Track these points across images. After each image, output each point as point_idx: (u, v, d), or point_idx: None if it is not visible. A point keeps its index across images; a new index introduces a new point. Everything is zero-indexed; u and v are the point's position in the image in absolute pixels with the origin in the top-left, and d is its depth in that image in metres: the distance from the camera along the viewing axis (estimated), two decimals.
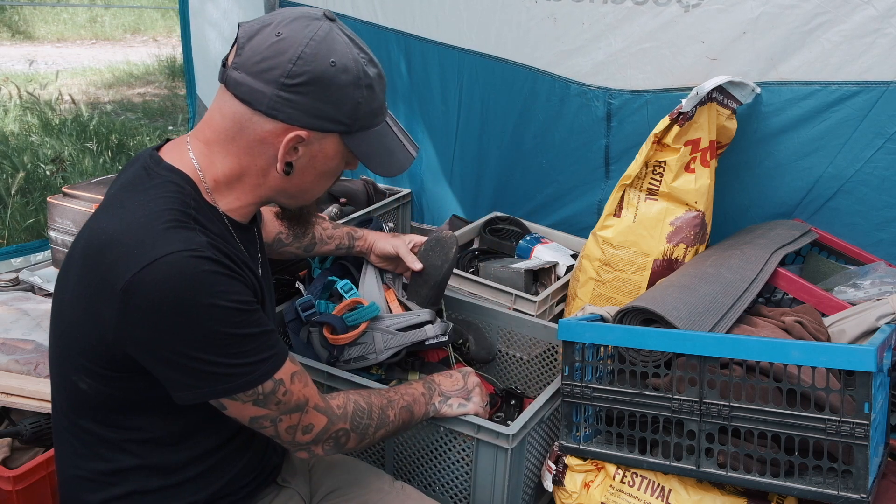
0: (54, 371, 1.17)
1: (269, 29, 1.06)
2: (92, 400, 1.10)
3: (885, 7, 1.76)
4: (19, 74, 6.69)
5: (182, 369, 1.02)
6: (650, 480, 1.45)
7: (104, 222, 1.04)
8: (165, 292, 0.96)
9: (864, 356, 1.21)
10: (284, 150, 1.09)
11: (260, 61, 1.04)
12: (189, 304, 0.98)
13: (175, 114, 6.00)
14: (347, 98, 1.09)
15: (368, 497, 1.40)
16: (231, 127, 1.09)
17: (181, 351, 1.00)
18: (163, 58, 7.66)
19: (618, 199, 1.92)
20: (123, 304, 0.97)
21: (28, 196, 3.84)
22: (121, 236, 1.00)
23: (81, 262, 1.04)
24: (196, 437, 1.16)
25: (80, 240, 1.09)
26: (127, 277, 0.96)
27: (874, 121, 1.85)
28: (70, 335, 1.08)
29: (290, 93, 1.05)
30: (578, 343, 1.49)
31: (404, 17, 2.63)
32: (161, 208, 1.03)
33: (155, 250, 0.97)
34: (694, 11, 2.01)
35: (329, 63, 1.05)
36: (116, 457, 1.13)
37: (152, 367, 1.04)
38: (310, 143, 1.10)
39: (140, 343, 1.01)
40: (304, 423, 1.15)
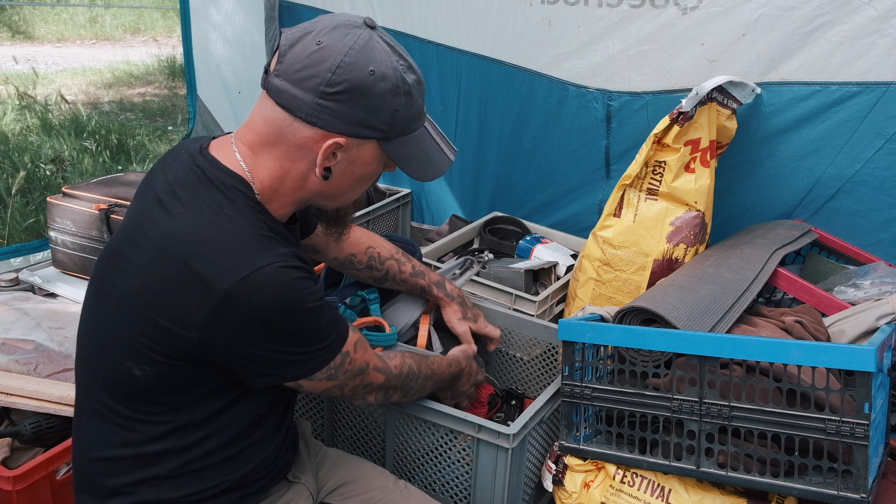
0: (95, 353, 1.18)
1: (311, 37, 1.08)
2: (143, 384, 1.12)
3: (886, 8, 1.76)
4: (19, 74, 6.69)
5: (266, 361, 1.11)
6: (650, 480, 1.45)
7: (181, 224, 1.08)
8: (264, 300, 1.05)
9: (864, 356, 1.21)
10: (323, 156, 1.12)
11: (300, 69, 1.07)
12: (284, 310, 1.07)
13: (175, 114, 5.99)
14: (385, 106, 1.11)
15: (373, 494, 1.41)
16: (272, 132, 1.12)
17: (269, 346, 1.09)
18: (163, 58, 7.66)
19: (618, 199, 1.92)
20: (221, 307, 1.04)
21: (28, 196, 3.83)
22: (210, 242, 1.06)
23: (157, 260, 1.07)
24: (226, 425, 1.19)
25: (145, 235, 1.10)
26: (228, 285, 1.03)
27: (874, 121, 1.85)
28: (133, 323, 1.10)
29: (330, 100, 1.08)
30: (578, 343, 1.49)
31: (403, 18, 2.63)
32: (240, 215, 1.10)
33: (254, 260, 1.05)
34: (692, 14, 2.01)
35: (368, 72, 1.08)
36: (146, 442, 1.15)
37: (231, 359, 1.10)
38: (348, 150, 1.13)
39: (227, 341, 1.08)
40: (365, 382, 1.27)
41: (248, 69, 3.28)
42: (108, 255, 1.18)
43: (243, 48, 3.26)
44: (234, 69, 3.36)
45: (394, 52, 1.12)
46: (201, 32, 3.39)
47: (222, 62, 3.39)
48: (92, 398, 1.19)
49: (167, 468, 1.16)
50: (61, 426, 1.60)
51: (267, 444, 1.26)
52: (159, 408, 1.14)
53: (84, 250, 2.29)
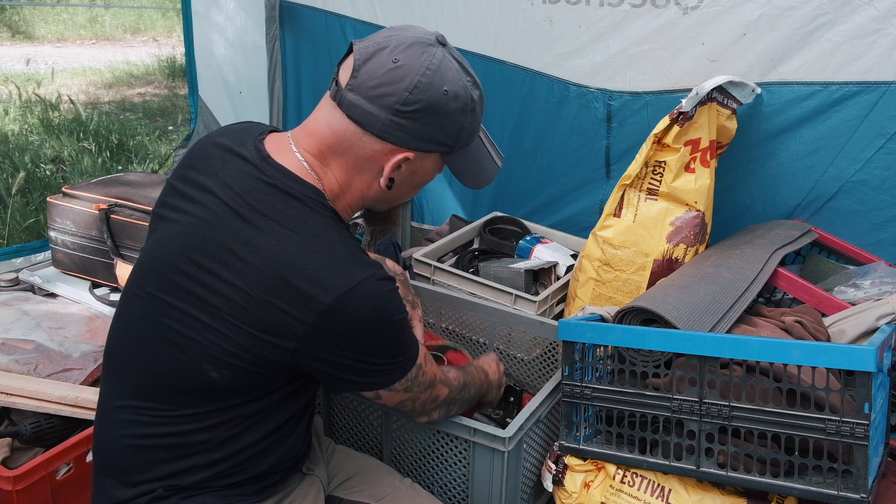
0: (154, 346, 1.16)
1: (386, 53, 1.10)
2: (215, 385, 1.13)
3: (886, 7, 1.76)
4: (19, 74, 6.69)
5: (355, 371, 1.14)
6: (650, 480, 1.45)
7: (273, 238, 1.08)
8: (364, 313, 1.08)
9: (864, 356, 1.21)
10: (390, 169, 1.16)
11: (377, 86, 1.10)
12: (381, 322, 1.11)
13: (175, 114, 5.99)
14: (454, 123, 1.16)
15: (381, 490, 1.43)
16: (340, 143, 1.15)
17: (361, 357, 1.13)
18: (163, 58, 7.66)
19: (618, 199, 1.92)
20: (322, 321, 1.06)
21: (28, 196, 3.83)
22: (307, 258, 1.07)
23: (255, 274, 1.07)
24: (265, 421, 1.20)
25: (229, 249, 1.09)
26: (329, 301, 1.05)
27: (875, 121, 1.85)
28: (220, 331, 1.10)
29: (403, 118, 1.11)
30: (578, 343, 1.49)
31: (404, 17, 2.63)
32: (327, 227, 1.12)
33: (351, 276, 1.07)
34: (693, 14, 2.01)
35: (442, 92, 1.12)
36: (191, 433, 1.16)
37: (320, 369, 1.13)
38: (413, 162, 1.17)
39: (323, 353, 1.11)
40: (434, 395, 1.31)
41: (249, 70, 3.28)
42: (172, 255, 1.15)
43: (244, 49, 3.26)
44: (235, 70, 3.37)
45: (463, 69, 1.16)
46: (203, 33, 3.39)
47: (224, 63, 3.40)
48: (134, 390, 1.19)
49: (205, 458, 1.18)
50: (61, 426, 1.60)
51: (296, 437, 1.30)
52: (218, 404, 1.16)
53: (84, 250, 2.29)
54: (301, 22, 2.99)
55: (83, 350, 1.79)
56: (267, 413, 1.20)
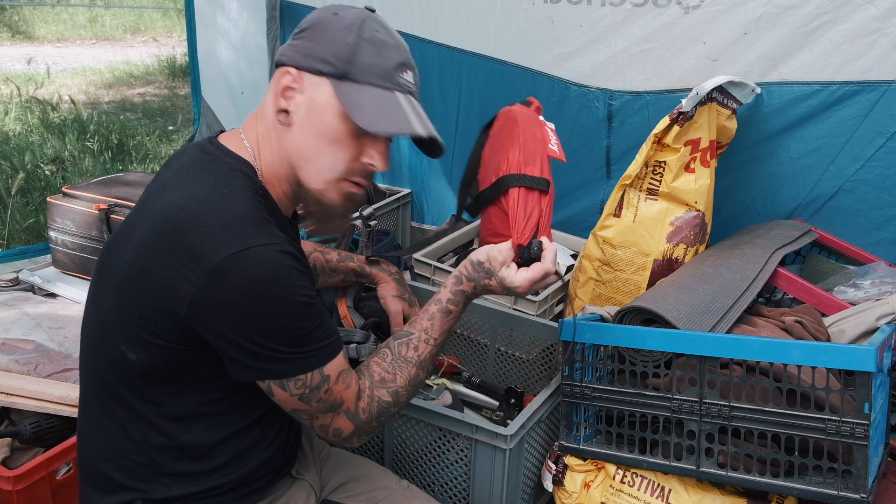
0: (94, 342, 1.18)
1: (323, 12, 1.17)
2: (137, 370, 1.12)
3: (887, 7, 1.76)
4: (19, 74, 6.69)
5: (245, 351, 1.07)
6: (650, 480, 1.45)
7: (178, 199, 1.07)
8: (252, 281, 1.02)
9: (864, 356, 1.21)
10: (277, 89, 1.14)
11: (296, 32, 1.18)
12: (271, 296, 1.04)
13: (175, 114, 6.00)
14: (337, 39, 1.13)
15: (376, 493, 1.41)
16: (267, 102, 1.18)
17: (250, 336, 1.05)
18: (163, 58, 7.66)
19: (618, 199, 1.92)
20: (208, 283, 1.02)
21: (28, 196, 3.83)
22: (206, 217, 1.04)
23: (151, 235, 1.07)
24: (227, 419, 1.18)
25: (144, 214, 1.11)
26: (217, 260, 1.01)
27: (875, 120, 1.85)
28: (127, 305, 1.10)
29: (297, 39, 1.16)
30: (578, 343, 1.49)
31: (404, 17, 2.63)
32: (240, 195, 1.08)
33: (246, 239, 1.03)
34: (694, 13, 2.01)
35: (332, 13, 1.15)
36: (147, 435, 1.15)
37: (215, 342, 1.08)
38: (302, 89, 1.13)
39: (212, 321, 1.05)
40: (335, 426, 1.19)
41: (251, 71, 3.29)
42: (108, 246, 1.19)
43: (247, 50, 3.27)
44: (237, 71, 3.37)
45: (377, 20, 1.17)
46: (206, 35, 3.40)
47: (226, 64, 3.41)
48: (94, 391, 1.19)
49: (172, 466, 1.16)
50: (61, 426, 1.60)
51: (272, 441, 1.26)
52: (157, 396, 1.14)
53: (84, 250, 2.29)
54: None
55: None
56: (221, 412, 1.17)
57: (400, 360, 1.25)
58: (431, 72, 2.62)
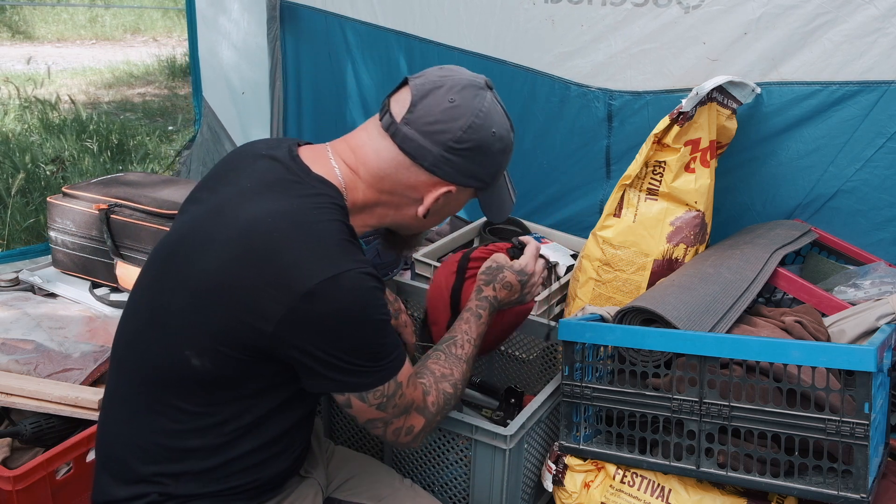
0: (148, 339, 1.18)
1: (442, 92, 1.19)
2: (197, 376, 1.13)
3: (887, 7, 1.76)
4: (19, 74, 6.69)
5: (329, 366, 1.11)
6: (650, 480, 1.45)
7: (266, 216, 1.09)
8: (344, 304, 1.07)
9: (864, 356, 1.21)
10: (433, 200, 1.23)
11: (433, 122, 1.18)
12: (360, 317, 1.09)
13: (175, 114, 6.00)
14: (495, 162, 1.25)
15: (380, 491, 1.43)
16: (385, 168, 1.21)
17: (336, 353, 1.10)
18: (163, 58, 7.66)
19: (618, 199, 1.92)
20: (300, 305, 1.05)
21: (28, 196, 3.83)
22: (297, 239, 1.08)
23: (238, 251, 1.08)
24: (264, 427, 1.20)
25: (224, 223, 1.12)
26: (311, 285, 1.05)
27: (875, 120, 1.85)
28: (204, 314, 1.11)
29: (454, 155, 1.20)
30: (578, 343, 1.49)
31: (404, 18, 2.63)
32: (330, 219, 1.13)
33: (337, 264, 1.07)
34: (694, 13, 2.01)
35: (490, 133, 1.21)
36: (184, 435, 1.16)
37: (297, 357, 1.11)
38: (451, 195, 1.24)
39: (299, 340, 1.09)
40: (408, 425, 1.24)
41: (252, 71, 3.29)
42: (175, 243, 1.18)
43: (248, 51, 3.27)
44: (238, 71, 3.38)
45: (505, 114, 1.26)
46: (208, 36, 3.41)
47: (227, 64, 3.41)
48: (135, 385, 1.19)
49: (199, 465, 1.17)
50: (61, 426, 1.60)
51: (294, 450, 1.29)
52: (208, 401, 1.15)
53: (84, 250, 2.29)
54: (301, 22, 2.99)
55: (83, 350, 1.79)
56: (262, 422, 1.19)
57: (452, 358, 1.35)
58: None
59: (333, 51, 2.90)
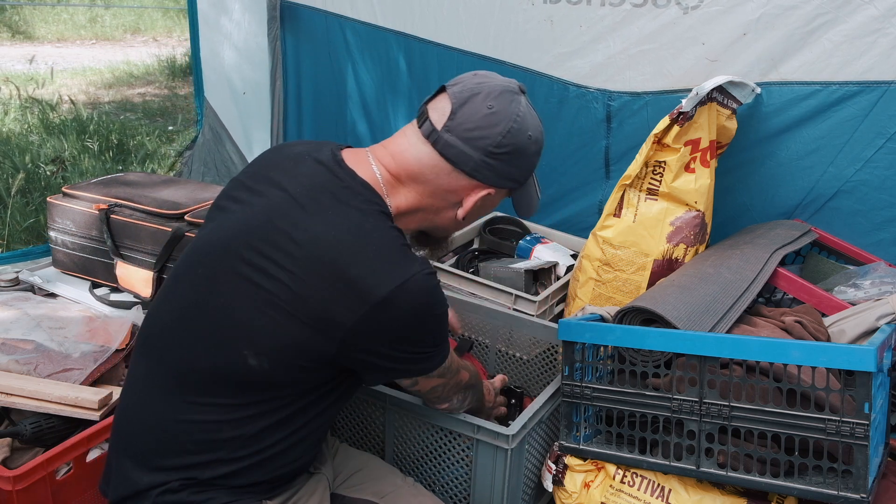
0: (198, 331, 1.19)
1: (480, 99, 1.22)
2: (251, 374, 1.15)
3: (886, 7, 1.76)
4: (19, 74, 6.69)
5: (398, 360, 1.19)
6: (650, 480, 1.45)
7: (329, 231, 1.13)
8: (416, 307, 1.14)
9: (864, 356, 1.21)
10: (473, 203, 1.27)
11: (472, 129, 1.21)
12: (430, 315, 1.17)
13: (175, 114, 5.99)
14: (530, 164, 1.30)
15: (383, 487, 1.44)
16: (426, 173, 1.25)
17: (406, 348, 1.18)
18: (163, 58, 7.65)
19: (618, 199, 1.92)
20: (372, 313, 1.11)
21: (28, 196, 3.83)
22: (362, 250, 1.13)
23: (306, 266, 1.12)
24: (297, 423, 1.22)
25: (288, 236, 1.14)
26: (382, 293, 1.10)
27: (875, 120, 1.85)
28: (270, 323, 1.13)
29: (494, 160, 1.23)
30: (578, 343, 1.49)
31: (404, 18, 2.63)
32: (385, 226, 1.18)
33: (404, 270, 1.12)
34: (693, 13, 2.01)
35: (527, 137, 1.25)
36: (221, 426, 1.17)
37: (365, 359, 1.17)
38: (489, 197, 1.28)
39: (370, 344, 1.15)
40: (458, 379, 1.37)
41: (253, 71, 3.29)
42: (228, 242, 1.19)
43: (249, 52, 3.28)
44: (240, 72, 3.38)
45: (537, 115, 1.30)
46: (210, 37, 3.41)
47: (229, 65, 3.41)
48: (174, 374, 1.20)
49: (228, 454, 1.18)
50: (61, 426, 1.60)
51: (314, 447, 1.32)
52: (255, 398, 1.17)
53: (84, 250, 2.29)
54: (301, 22, 2.99)
55: (83, 350, 1.79)
56: (296, 414, 1.21)
57: None
58: (431, 72, 2.62)
59: (333, 51, 2.90)
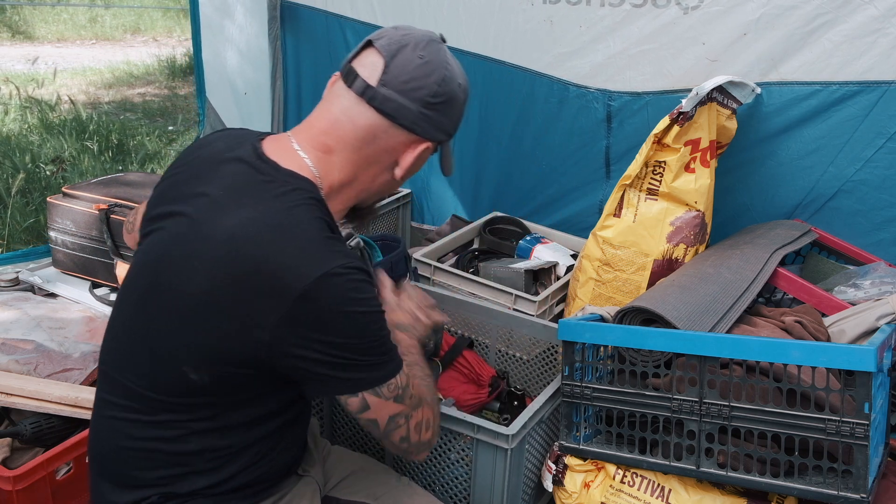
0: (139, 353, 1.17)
1: (409, 50, 1.17)
2: (196, 389, 1.13)
3: (886, 7, 1.76)
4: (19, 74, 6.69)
5: (336, 366, 1.10)
6: (650, 480, 1.45)
7: (245, 228, 1.07)
8: (337, 302, 1.06)
9: (864, 356, 1.21)
10: (411, 160, 1.22)
11: (408, 80, 1.16)
12: (355, 312, 1.09)
13: (175, 114, 5.99)
14: (461, 114, 1.26)
15: (377, 489, 1.43)
16: (363, 137, 1.19)
17: (339, 352, 1.09)
18: (163, 58, 7.65)
19: (618, 199, 1.92)
20: (293, 311, 1.05)
21: (28, 196, 3.83)
22: (281, 245, 1.07)
23: (224, 266, 1.07)
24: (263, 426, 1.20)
25: (202, 238, 1.09)
26: (301, 288, 1.04)
27: (875, 120, 1.85)
28: (200, 331, 1.10)
29: (431, 110, 1.19)
30: (578, 343, 1.49)
31: (404, 18, 2.63)
32: (308, 218, 1.11)
33: (324, 263, 1.06)
34: (693, 13, 2.01)
35: (457, 85, 1.22)
36: (185, 438, 1.16)
37: (300, 364, 1.09)
38: (426, 152, 1.24)
39: (297, 347, 1.08)
40: (425, 418, 1.23)
41: (255, 72, 3.30)
42: (157, 259, 1.16)
43: (251, 53, 3.29)
44: (242, 73, 3.39)
45: (459, 64, 1.25)
46: (212, 39, 3.41)
47: (231, 66, 3.42)
48: (131, 396, 1.18)
49: (203, 465, 1.18)
50: (61, 426, 1.60)
51: (291, 445, 1.29)
52: (206, 410, 1.15)
53: (84, 250, 2.29)
54: (301, 22, 2.99)
55: (83, 350, 1.79)
56: (257, 422, 1.19)
57: None
58: None
59: (333, 51, 2.90)
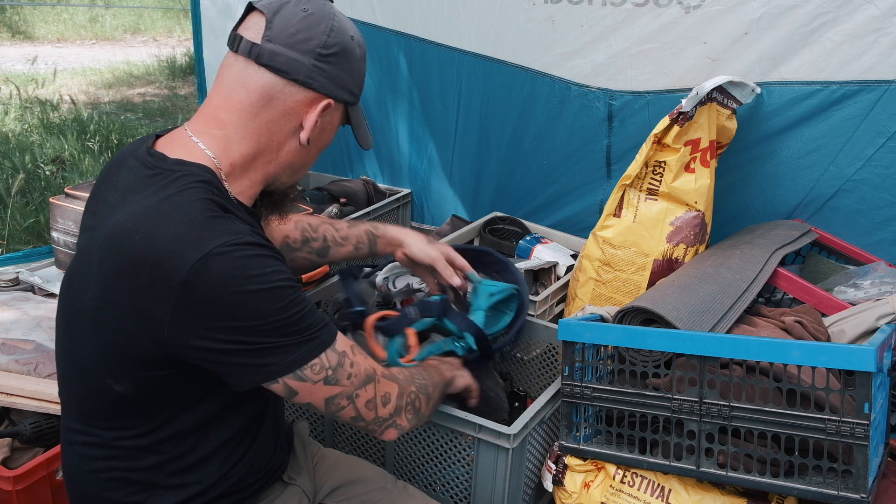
0: (74, 376, 1.16)
1: (292, 5, 1.12)
2: (126, 401, 1.10)
3: (887, 6, 1.76)
4: (19, 74, 6.69)
5: (243, 353, 1.04)
6: (650, 480, 1.45)
7: (126, 222, 1.03)
8: (224, 281, 0.99)
9: (864, 356, 1.21)
10: (315, 118, 1.15)
11: (295, 33, 1.11)
12: (246, 290, 1.00)
13: (175, 114, 6.00)
14: (360, 70, 1.20)
15: (372, 495, 1.41)
16: (257, 101, 1.12)
17: (242, 338, 1.02)
18: (163, 58, 7.66)
19: (618, 199, 1.92)
20: (181, 299, 0.99)
21: (28, 196, 3.84)
22: (160, 233, 1.00)
23: (110, 265, 1.03)
24: (217, 430, 1.16)
25: (95, 242, 1.06)
26: (182, 273, 0.98)
27: (875, 120, 1.85)
28: (105, 340, 1.07)
29: (325, 62, 1.13)
30: (578, 343, 1.49)
31: (403, 17, 2.63)
32: (192, 200, 1.04)
33: (204, 244, 0.99)
34: (695, 13, 2.01)
35: (350, 37, 1.16)
36: (139, 455, 1.14)
37: (208, 356, 1.04)
38: (327, 114, 1.17)
39: (198, 335, 1.02)
40: (381, 393, 1.16)
41: None
42: (68, 278, 1.14)
43: None
44: None
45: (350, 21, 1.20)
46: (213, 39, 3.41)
47: None
48: (79, 419, 1.17)
49: (164, 478, 1.15)
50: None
51: (262, 446, 1.25)
52: (149, 421, 1.12)
53: None
54: None
55: None
56: (212, 423, 1.16)
57: None
58: (431, 72, 2.62)
59: None
